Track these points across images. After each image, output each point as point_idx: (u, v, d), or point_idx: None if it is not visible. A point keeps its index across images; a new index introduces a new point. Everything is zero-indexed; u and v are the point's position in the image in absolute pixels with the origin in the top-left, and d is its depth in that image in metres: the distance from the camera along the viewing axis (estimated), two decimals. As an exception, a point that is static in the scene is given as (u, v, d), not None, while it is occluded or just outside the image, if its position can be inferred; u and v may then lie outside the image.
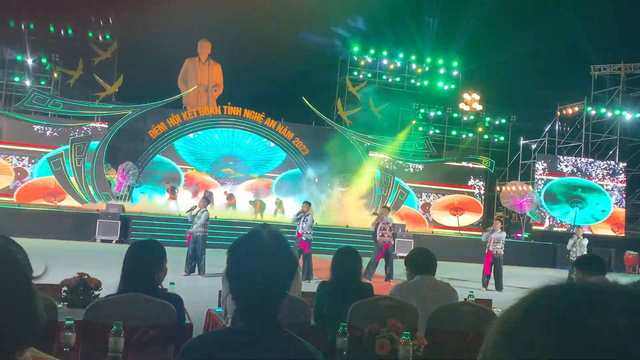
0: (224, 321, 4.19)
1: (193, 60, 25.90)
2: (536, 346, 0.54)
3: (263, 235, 1.72)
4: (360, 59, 27.49)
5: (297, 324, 3.73)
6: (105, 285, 4.59)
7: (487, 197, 27.50)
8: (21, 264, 0.97)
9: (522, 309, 0.58)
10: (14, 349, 0.92)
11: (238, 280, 1.71)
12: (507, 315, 0.59)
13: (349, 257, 4.24)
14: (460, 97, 28.23)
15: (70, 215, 18.73)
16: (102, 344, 2.76)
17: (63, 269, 6.51)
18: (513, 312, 0.59)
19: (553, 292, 0.58)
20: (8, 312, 0.90)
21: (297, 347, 1.68)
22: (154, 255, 3.35)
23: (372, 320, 3.27)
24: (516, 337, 0.56)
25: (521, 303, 0.59)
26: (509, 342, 0.56)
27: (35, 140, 22.41)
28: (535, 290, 0.60)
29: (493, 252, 12.73)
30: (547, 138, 28.13)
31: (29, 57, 22.96)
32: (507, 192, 24.91)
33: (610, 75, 28.39)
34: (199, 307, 7.52)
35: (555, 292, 0.58)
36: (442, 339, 3.63)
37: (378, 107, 26.99)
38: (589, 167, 26.65)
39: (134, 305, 3.17)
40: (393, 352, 2.98)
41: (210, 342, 1.66)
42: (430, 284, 4.04)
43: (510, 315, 0.59)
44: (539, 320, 0.55)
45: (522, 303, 0.59)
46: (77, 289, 4.39)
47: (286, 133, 24.82)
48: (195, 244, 11.78)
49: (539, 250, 22.94)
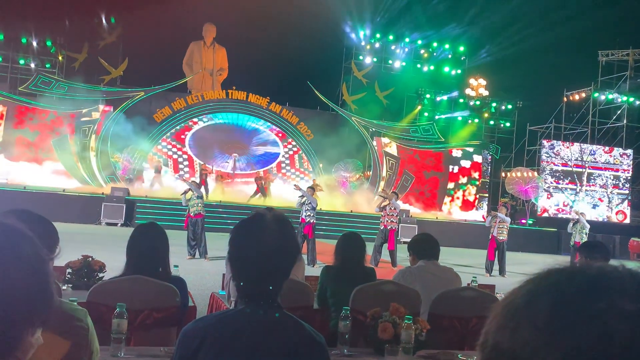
0: (227, 304, 4.20)
1: (198, 44, 25.78)
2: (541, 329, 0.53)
3: (266, 218, 1.72)
4: (366, 44, 27.31)
5: (300, 307, 3.74)
6: (109, 268, 4.62)
7: (491, 183, 27.43)
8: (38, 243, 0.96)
9: (526, 292, 0.57)
10: (27, 328, 0.91)
11: (239, 262, 1.70)
12: (511, 298, 0.58)
13: (352, 242, 4.25)
14: (466, 83, 28.05)
15: (75, 198, 18.80)
16: (106, 325, 2.77)
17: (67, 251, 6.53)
18: (516, 295, 0.58)
19: (558, 275, 0.57)
20: (24, 290, 0.90)
21: (299, 330, 1.68)
22: (159, 238, 3.37)
23: (375, 304, 3.27)
24: (520, 320, 0.55)
25: (525, 286, 0.58)
26: (512, 325, 0.55)
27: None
28: (539, 273, 0.59)
29: (497, 238, 12.73)
30: (554, 124, 27.97)
31: (34, 39, 22.91)
32: (512, 179, 24.84)
33: (618, 61, 28.13)
34: (202, 290, 7.57)
35: (560, 275, 0.57)
36: (444, 324, 3.64)
37: (384, 92, 26.87)
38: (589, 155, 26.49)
39: (138, 287, 3.18)
40: (395, 336, 2.99)
41: (211, 324, 1.66)
42: (434, 269, 4.05)
43: (514, 298, 0.57)
44: (544, 303, 0.54)
45: (526, 286, 0.58)
46: (81, 271, 4.41)
47: (291, 118, 24.78)
48: (194, 227, 11.80)
49: (543, 237, 22.95)
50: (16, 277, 0.89)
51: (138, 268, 3.25)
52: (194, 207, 11.84)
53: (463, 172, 26.09)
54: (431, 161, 25.69)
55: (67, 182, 20.93)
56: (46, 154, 21.54)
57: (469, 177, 26.10)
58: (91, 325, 1.82)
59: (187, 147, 24.12)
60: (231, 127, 24.70)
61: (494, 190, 27.81)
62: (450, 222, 22.79)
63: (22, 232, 0.96)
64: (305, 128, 24.76)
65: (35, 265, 0.93)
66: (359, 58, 27.27)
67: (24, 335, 0.91)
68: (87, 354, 1.78)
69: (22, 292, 0.89)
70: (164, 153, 23.77)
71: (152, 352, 2.81)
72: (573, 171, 26.31)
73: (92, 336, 1.81)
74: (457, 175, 26.01)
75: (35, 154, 21.53)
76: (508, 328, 0.56)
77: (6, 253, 0.91)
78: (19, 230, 0.96)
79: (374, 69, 27.30)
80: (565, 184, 26.33)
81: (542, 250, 21.45)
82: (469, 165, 26.19)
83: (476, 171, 26.20)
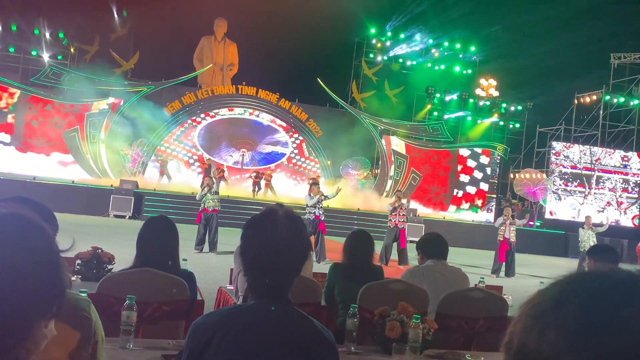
0: (235, 299, 4.22)
1: (209, 38, 25.81)
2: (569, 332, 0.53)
3: (278, 214, 1.72)
4: (376, 42, 27.24)
5: (308, 303, 3.75)
6: (118, 260, 4.64)
7: (500, 184, 27.34)
8: (50, 235, 0.97)
9: (554, 294, 0.57)
10: (37, 319, 0.92)
11: (251, 258, 1.71)
12: (538, 300, 0.58)
13: (361, 239, 4.25)
14: (476, 83, 27.94)
15: (84, 190, 18.90)
16: (115, 317, 2.78)
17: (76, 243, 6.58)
18: (543, 297, 0.57)
19: (587, 278, 0.57)
20: (35, 281, 0.90)
21: (309, 326, 1.68)
22: (170, 231, 3.38)
23: (383, 302, 3.27)
24: (547, 322, 0.55)
25: (552, 288, 0.58)
26: (539, 327, 0.55)
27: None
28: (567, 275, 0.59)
29: (509, 239, 12.56)
30: (564, 126, 27.82)
31: (46, 31, 23.01)
32: (520, 180, 24.73)
33: (631, 64, 27.92)
34: (209, 285, 7.59)
35: (589, 278, 0.57)
36: (452, 324, 3.63)
37: (393, 90, 26.81)
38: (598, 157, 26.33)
39: (148, 280, 3.20)
40: (403, 335, 2.99)
41: (223, 318, 1.66)
42: (442, 269, 4.04)
43: (541, 299, 0.57)
44: (573, 305, 0.54)
45: (553, 288, 0.58)
46: (90, 262, 4.44)
47: (300, 114, 24.78)
48: (209, 221, 11.88)
49: (551, 239, 22.85)
50: (27, 269, 0.90)
51: (148, 260, 3.26)
52: (211, 201, 11.93)
53: (471, 172, 26.00)
54: (439, 160, 25.63)
55: (76, 174, 21.04)
56: (56, 146, 21.65)
57: (477, 178, 26.02)
58: (95, 315, 1.82)
59: (197, 140, 24.19)
60: (242, 122, 24.74)
61: (502, 191, 27.71)
62: (457, 222, 22.72)
63: (34, 223, 0.96)
64: (314, 125, 24.76)
65: (46, 256, 0.94)
66: (370, 56, 27.22)
67: (34, 326, 0.92)
68: (92, 343, 1.79)
69: (32, 284, 0.90)
70: (173, 152, 23.81)
71: (160, 344, 2.83)
72: (582, 174, 26.17)
73: (96, 326, 1.82)
74: (466, 175, 25.93)
75: (45, 145, 21.64)
76: (535, 329, 0.55)
77: (17, 244, 0.91)
78: (32, 221, 0.96)
79: (384, 67, 27.25)
80: (574, 187, 26.19)
81: (549, 252, 21.37)
82: (477, 166, 26.10)
83: (484, 172, 26.11)
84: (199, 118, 24.19)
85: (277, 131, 25.08)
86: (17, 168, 20.60)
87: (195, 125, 24.18)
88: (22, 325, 0.90)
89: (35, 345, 0.93)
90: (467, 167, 25.98)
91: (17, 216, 0.96)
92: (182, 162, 23.85)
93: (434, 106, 27.44)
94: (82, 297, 1.89)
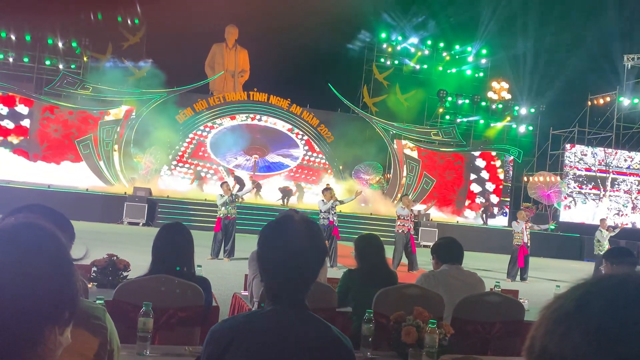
0: (249, 304, 4.22)
1: (220, 45, 25.94)
2: (592, 335, 0.52)
3: (295, 220, 1.72)
4: (387, 46, 27.23)
5: (323, 309, 3.74)
6: (133, 267, 4.67)
7: (513, 188, 27.16)
8: (63, 243, 0.98)
9: (577, 297, 0.57)
10: (49, 325, 0.93)
11: (268, 263, 1.71)
12: (559, 303, 0.57)
13: (372, 244, 4.24)
14: (488, 86, 27.82)
15: (98, 198, 19.03)
16: (132, 324, 2.80)
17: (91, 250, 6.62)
18: (565, 301, 0.57)
19: (607, 282, 0.57)
20: (46, 288, 0.91)
21: (326, 332, 1.68)
22: (185, 238, 3.40)
23: (398, 307, 3.26)
24: (570, 325, 0.55)
25: (573, 292, 0.58)
26: (562, 330, 0.55)
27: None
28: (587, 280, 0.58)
29: (527, 244, 12.41)
30: (577, 128, 27.61)
31: (60, 40, 23.26)
32: (534, 183, 24.56)
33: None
34: (223, 291, 7.60)
35: (609, 282, 0.56)
36: (468, 328, 3.61)
37: (405, 94, 26.77)
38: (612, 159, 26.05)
39: (163, 286, 3.21)
40: (419, 340, 2.97)
41: (240, 324, 1.67)
42: (457, 273, 4.02)
43: (562, 303, 0.57)
44: (596, 309, 0.54)
45: (574, 292, 0.58)
46: (106, 269, 4.47)
47: (311, 119, 24.82)
48: (227, 228, 11.94)
49: (566, 242, 22.64)
50: (38, 276, 0.91)
51: (163, 267, 3.28)
52: (232, 209, 12.02)
53: (484, 175, 25.87)
54: (452, 164, 25.53)
55: (90, 182, 21.20)
56: (70, 154, 21.84)
57: (491, 181, 25.88)
58: (110, 324, 1.84)
59: (208, 147, 24.27)
60: (255, 129, 24.80)
61: (516, 194, 27.53)
62: (470, 227, 22.60)
63: (47, 231, 0.98)
64: (326, 130, 24.79)
65: (57, 263, 0.95)
66: (380, 60, 27.21)
67: (46, 332, 0.93)
68: (107, 352, 1.80)
69: (43, 291, 0.91)
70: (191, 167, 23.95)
71: (177, 350, 2.84)
72: (597, 176, 25.94)
73: (111, 334, 1.83)
74: (478, 179, 25.80)
75: (60, 154, 21.84)
76: (557, 333, 0.55)
77: (29, 251, 0.93)
78: (44, 229, 0.98)
79: (395, 71, 27.23)
80: (589, 189, 25.96)
81: (564, 256, 21.18)
82: (490, 169, 25.96)
83: (498, 175, 25.96)
84: (211, 124, 24.29)
85: (290, 138, 25.09)
86: (31, 177, 20.79)
87: (209, 131, 24.26)
88: (32, 329, 0.91)
89: (49, 352, 0.94)
90: (480, 170, 25.85)
91: (29, 224, 0.97)
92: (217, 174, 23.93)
93: (445, 110, 27.35)
94: (97, 305, 1.90)
